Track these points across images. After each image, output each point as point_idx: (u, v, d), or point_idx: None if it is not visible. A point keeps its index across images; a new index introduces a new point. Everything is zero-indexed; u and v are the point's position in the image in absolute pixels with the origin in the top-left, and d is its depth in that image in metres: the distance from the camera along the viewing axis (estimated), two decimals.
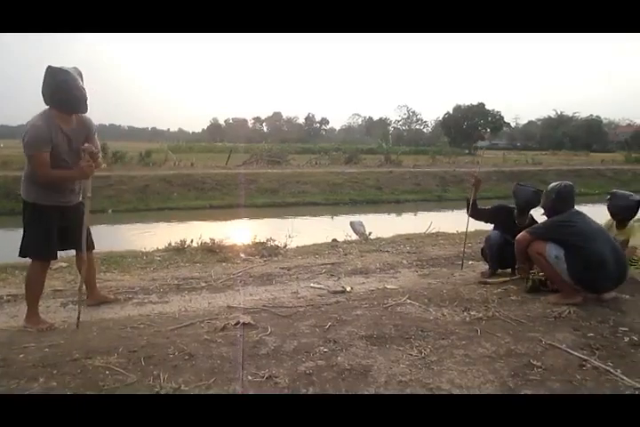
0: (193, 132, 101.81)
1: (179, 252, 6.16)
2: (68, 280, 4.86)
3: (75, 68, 3.50)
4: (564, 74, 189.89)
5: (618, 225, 4.72)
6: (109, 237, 11.59)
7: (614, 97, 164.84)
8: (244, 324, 3.42)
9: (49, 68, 3.41)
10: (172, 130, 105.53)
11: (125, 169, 20.65)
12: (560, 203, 4.01)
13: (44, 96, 3.46)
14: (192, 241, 6.59)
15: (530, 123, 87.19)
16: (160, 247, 6.59)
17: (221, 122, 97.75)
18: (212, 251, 6.12)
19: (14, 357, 2.89)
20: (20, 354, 2.94)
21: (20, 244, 3.62)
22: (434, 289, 4.36)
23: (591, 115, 74.25)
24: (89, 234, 3.91)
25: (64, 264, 5.52)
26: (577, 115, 76.95)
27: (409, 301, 3.94)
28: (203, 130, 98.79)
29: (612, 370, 2.80)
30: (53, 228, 3.59)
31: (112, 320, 3.69)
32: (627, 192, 4.75)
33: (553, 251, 3.85)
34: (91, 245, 3.95)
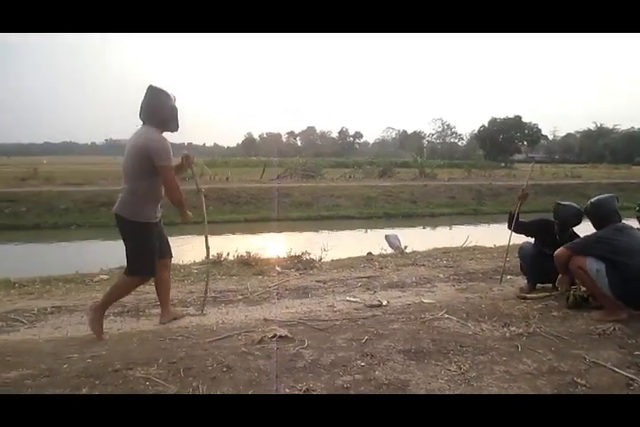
0: (228, 147, 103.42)
1: (215, 265, 6.22)
2: None
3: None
4: (604, 85, 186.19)
5: None
6: None
7: None
8: (280, 337, 3.44)
9: (151, 87, 3.65)
10: (207, 145, 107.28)
11: None
12: (600, 218, 3.93)
13: (144, 114, 3.66)
14: (228, 254, 6.67)
15: (568, 135, 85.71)
16: (197, 260, 6.69)
17: (256, 136, 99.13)
18: (248, 264, 6.19)
19: (58, 367, 2.97)
20: (64, 364, 3.01)
21: (127, 261, 3.74)
22: (472, 304, 4.29)
23: (632, 127, 72.39)
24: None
25: (105, 277, 5.65)
26: (617, 127, 75.23)
27: (446, 315, 3.89)
28: (237, 144, 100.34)
29: None
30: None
31: (151, 332, 3.76)
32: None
33: (594, 265, 3.75)
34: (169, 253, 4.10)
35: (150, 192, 3.67)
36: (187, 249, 12.50)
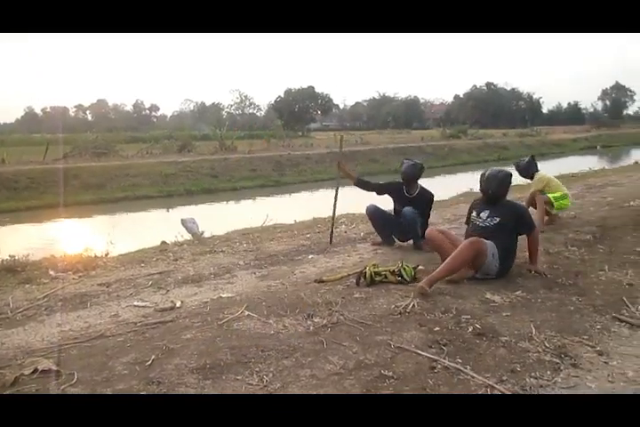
0: (4, 124, 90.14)
1: None
2: None
3: None
4: (385, 56, 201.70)
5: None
6: None
7: (429, 78, 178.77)
8: (43, 371, 2.74)
9: None
10: None
11: None
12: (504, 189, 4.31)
13: None
14: None
15: (357, 104, 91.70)
16: None
17: (38, 111, 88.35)
18: (14, 270, 5.09)
19: None
20: None
21: None
22: (274, 293, 3.98)
23: (409, 95, 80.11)
24: None
25: None
26: (397, 95, 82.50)
27: (247, 312, 3.52)
28: (17, 120, 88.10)
29: (462, 368, 2.69)
30: None
31: None
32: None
33: (491, 249, 3.99)
34: None
35: None
36: None
